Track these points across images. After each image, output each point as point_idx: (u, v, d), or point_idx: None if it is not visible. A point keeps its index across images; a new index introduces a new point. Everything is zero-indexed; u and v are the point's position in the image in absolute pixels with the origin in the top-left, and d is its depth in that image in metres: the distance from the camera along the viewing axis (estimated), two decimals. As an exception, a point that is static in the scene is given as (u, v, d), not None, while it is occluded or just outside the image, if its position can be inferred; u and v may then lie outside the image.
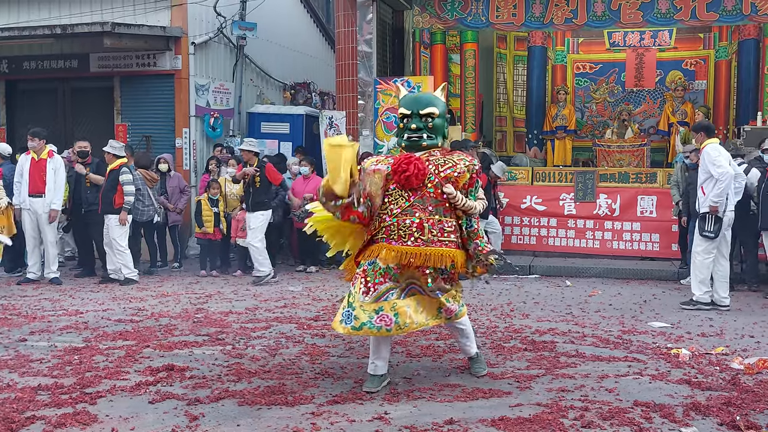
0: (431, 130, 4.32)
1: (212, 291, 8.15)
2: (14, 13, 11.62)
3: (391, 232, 4.20)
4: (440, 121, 4.36)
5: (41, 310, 6.92)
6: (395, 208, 4.21)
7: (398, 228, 4.18)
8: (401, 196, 4.21)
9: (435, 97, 4.45)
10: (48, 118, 11.39)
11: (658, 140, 12.22)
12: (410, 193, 4.20)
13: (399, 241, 4.17)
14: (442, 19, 10.40)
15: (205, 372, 4.72)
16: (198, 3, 11.14)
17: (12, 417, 3.81)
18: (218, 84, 11.70)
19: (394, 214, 4.20)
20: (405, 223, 4.18)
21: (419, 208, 4.20)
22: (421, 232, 4.17)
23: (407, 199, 4.20)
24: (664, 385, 4.45)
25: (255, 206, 8.70)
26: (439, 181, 4.22)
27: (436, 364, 4.96)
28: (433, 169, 4.25)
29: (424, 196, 4.21)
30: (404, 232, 4.17)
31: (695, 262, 7.15)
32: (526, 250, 10.09)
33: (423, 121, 4.31)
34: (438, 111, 4.34)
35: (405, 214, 4.19)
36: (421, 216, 4.19)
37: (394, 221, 4.20)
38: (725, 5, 9.55)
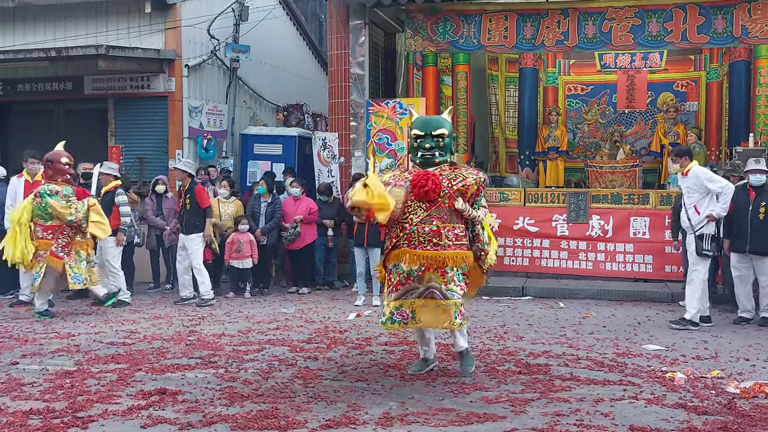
0: (442, 148, 5.02)
1: (205, 313, 8.10)
2: (9, 36, 11.64)
3: (413, 239, 4.89)
4: (449, 140, 5.07)
5: (33, 333, 6.86)
6: (415, 218, 4.90)
7: (418, 235, 4.87)
8: (419, 207, 4.90)
9: (444, 119, 5.15)
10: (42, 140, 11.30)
11: (650, 161, 12.29)
12: (428, 204, 4.89)
13: (420, 247, 4.86)
14: (434, 42, 10.47)
15: (198, 396, 4.68)
16: (192, 26, 11.20)
17: (1, 444, 3.77)
18: (211, 106, 11.73)
19: (414, 223, 4.89)
20: (424, 230, 4.87)
21: (436, 217, 4.90)
22: (439, 238, 4.87)
23: (425, 210, 4.89)
24: (660, 409, 4.44)
25: (189, 228, 8.62)
26: (452, 194, 4.92)
27: (430, 387, 4.94)
28: (447, 183, 4.93)
29: (440, 207, 4.90)
30: (424, 238, 4.87)
31: (695, 281, 7.18)
32: (519, 272, 10.08)
33: (435, 141, 4.99)
34: (447, 131, 5.03)
35: (423, 223, 4.88)
36: (438, 224, 4.88)
37: (414, 229, 4.88)
38: (716, 27, 9.66)
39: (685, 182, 7.31)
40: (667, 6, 9.77)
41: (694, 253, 7.17)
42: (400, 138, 10.07)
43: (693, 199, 7.21)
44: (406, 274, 4.88)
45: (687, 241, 7.46)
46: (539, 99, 13.12)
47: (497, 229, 10.01)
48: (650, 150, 12.40)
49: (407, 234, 4.90)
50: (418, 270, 4.85)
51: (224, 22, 11.77)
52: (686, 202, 7.30)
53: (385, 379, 5.11)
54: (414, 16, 10.47)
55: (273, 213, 9.47)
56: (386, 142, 10.19)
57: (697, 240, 7.12)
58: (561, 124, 12.66)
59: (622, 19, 9.91)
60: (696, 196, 7.18)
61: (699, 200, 7.16)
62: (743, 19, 9.50)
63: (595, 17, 9.99)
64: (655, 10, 9.83)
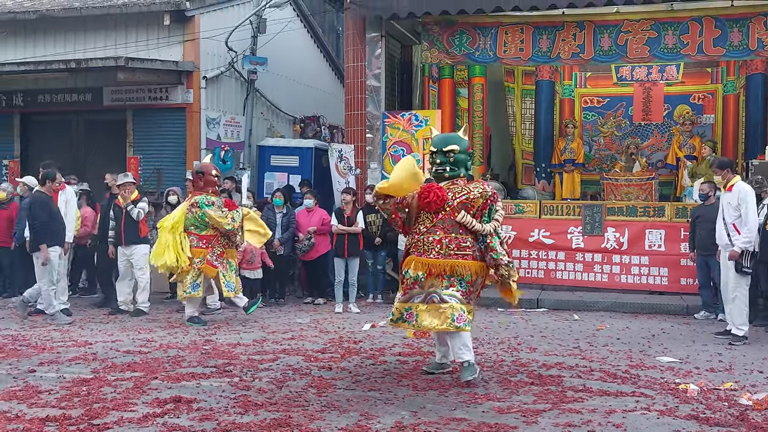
0: (453, 163, 5.34)
1: (220, 322, 8.18)
2: (30, 47, 11.88)
3: (419, 247, 5.29)
4: (462, 156, 5.37)
5: (51, 341, 6.97)
6: (422, 228, 5.31)
7: (424, 244, 5.27)
8: (427, 218, 5.31)
9: (458, 137, 5.49)
10: (61, 150, 11.55)
11: (666, 174, 12.26)
12: (433, 216, 5.28)
13: (425, 255, 5.25)
14: (450, 54, 10.55)
15: (213, 404, 4.74)
16: (210, 38, 11.37)
17: (20, 448, 3.85)
18: (229, 117, 11.87)
19: (421, 233, 5.31)
20: (429, 239, 5.26)
21: (440, 228, 5.25)
22: (440, 246, 5.22)
23: (431, 221, 5.29)
24: (672, 420, 4.44)
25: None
26: (455, 206, 5.24)
27: (443, 398, 4.97)
28: (451, 196, 5.27)
29: (444, 218, 5.26)
30: (428, 247, 5.25)
31: (739, 298, 7.15)
32: (533, 284, 10.08)
33: (446, 157, 5.32)
34: (459, 148, 5.34)
35: (429, 233, 5.27)
36: (441, 234, 5.23)
37: (421, 238, 5.30)
38: (732, 40, 9.67)
39: (727, 197, 7.23)
40: (683, 19, 9.80)
41: (733, 270, 7.13)
42: (415, 150, 10.14)
43: (733, 216, 7.14)
44: (413, 279, 5.28)
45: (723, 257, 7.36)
46: (555, 111, 13.15)
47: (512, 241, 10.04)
48: (666, 163, 12.37)
49: (415, 242, 5.33)
50: (423, 276, 5.23)
51: (242, 35, 11.92)
52: (726, 219, 7.21)
53: (398, 389, 5.15)
54: (430, 28, 10.56)
55: (288, 224, 9.57)
56: (402, 153, 10.25)
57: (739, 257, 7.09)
58: (577, 136, 12.67)
59: (638, 31, 9.95)
60: (736, 214, 7.12)
61: (738, 219, 7.11)
62: (759, 32, 9.51)
63: (611, 30, 10.03)
64: (671, 22, 9.86)
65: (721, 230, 7.30)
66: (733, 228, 7.14)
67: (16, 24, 11.88)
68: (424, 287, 5.23)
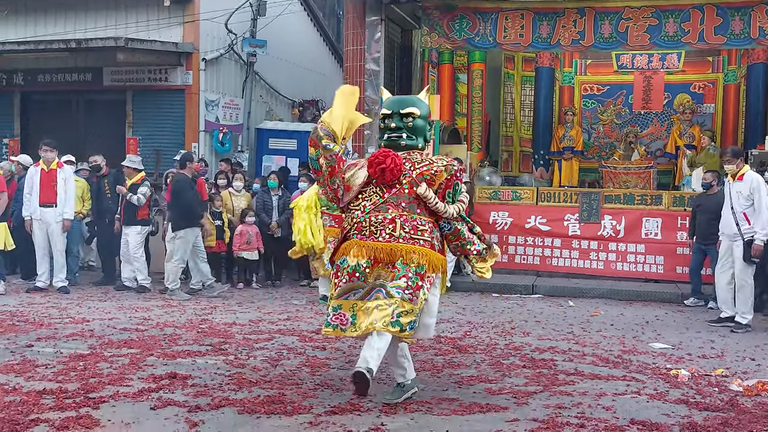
0: (411, 130, 4.31)
1: (217, 302, 8.23)
2: (30, 27, 11.85)
3: (363, 228, 4.16)
4: (421, 123, 4.35)
5: (48, 318, 7.01)
6: (368, 205, 4.19)
7: (370, 224, 4.15)
8: (375, 192, 4.20)
9: (418, 99, 4.45)
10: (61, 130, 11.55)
11: (665, 163, 12.27)
12: (384, 190, 4.19)
13: (371, 237, 4.14)
14: (450, 39, 10.52)
15: (207, 381, 4.78)
16: (210, 20, 11.33)
17: (17, 419, 3.89)
18: (228, 100, 11.86)
19: (366, 211, 4.18)
20: (377, 219, 4.14)
21: (393, 205, 4.17)
22: (393, 227, 4.13)
23: (381, 196, 4.19)
24: (662, 404, 4.48)
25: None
26: (413, 179, 4.20)
27: (434, 378, 5.01)
28: (409, 166, 4.23)
29: (399, 194, 4.18)
30: (376, 228, 4.14)
31: (746, 287, 7.18)
32: (529, 270, 10.13)
33: (403, 121, 4.30)
34: (419, 112, 4.32)
35: (378, 210, 4.16)
36: (394, 212, 4.15)
37: (366, 217, 4.17)
38: (733, 29, 9.63)
39: (737, 186, 7.22)
40: (685, 6, 9.75)
41: (741, 259, 7.15)
42: (414, 134, 10.12)
43: (744, 206, 7.15)
44: (351, 269, 4.15)
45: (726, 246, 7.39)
46: (555, 98, 13.14)
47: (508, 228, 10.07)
48: (665, 151, 12.38)
49: (357, 223, 4.19)
50: (366, 265, 4.13)
51: (242, 17, 11.90)
52: (735, 208, 7.22)
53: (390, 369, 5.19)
54: (430, 13, 10.53)
55: (284, 206, 9.61)
56: (400, 138, 10.26)
57: (746, 246, 7.11)
58: (576, 124, 12.66)
59: (638, 18, 9.91)
60: (747, 204, 7.13)
61: (749, 208, 7.12)
62: (761, 20, 9.46)
63: (612, 17, 9.99)
64: (673, 10, 9.82)
65: (729, 219, 7.30)
66: (743, 217, 7.15)
67: (17, 3, 11.86)
68: (368, 279, 4.14)
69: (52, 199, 8.72)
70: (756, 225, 7.06)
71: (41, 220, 8.73)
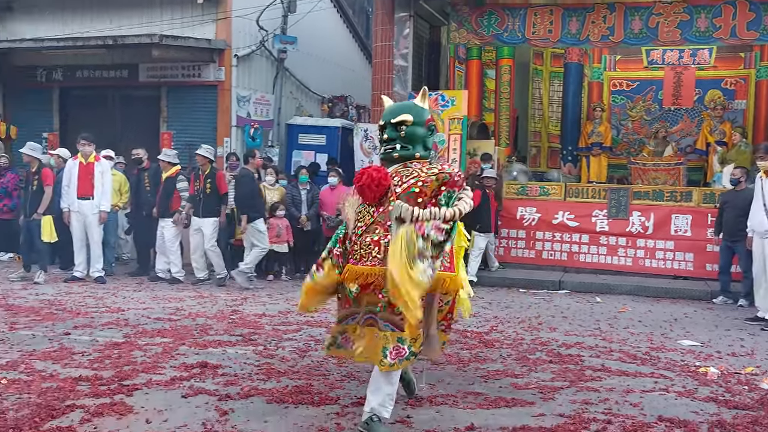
0: (404, 139, 3.77)
1: (247, 294, 8.29)
2: (69, 25, 12.02)
3: (355, 252, 3.72)
4: (418, 130, 3.79)
5: (85, 307, 7.13)
6: (362, 226, 3.75)
7: (360, 247, 3.70)
8: (367, 212, 3.75)
9: (413, 105, 3.92)
10: (98, 124, 11.69)
11: (695, 159, 12.03)
12: (374, 209, 3.72)
13: (360, 262, 3.67)
14: (478, 35, 10.44)
15: (237, 370, 4.82)
16: (242, 17, 11.39)
17: (53, 405, 3.97)
18: (259, 95, 11.91)
19: (359, 234, 3.74)
20: (365, 241, 3.68)
21: (380, 224, 3.67)
22: (378, 249, 3.63)
23: (372, 215, 3.72)
24: (690, 402, 4.41)
25: (206, 213, 8.85)
26: (402, 192, 3.65)
27: (460, 372, 4.99)
28: (397, 180, 3.71)
29: (386, 212, 3.64)
30: (365, 251, 3.67)
31: None
32: (556, 266, 10.03)
33: (396, 131, 3.78)
34: (412, 118, 3.78)
35: (368, 232, 3.70)
36: (380, 233, 3.65)
37: (358, 240, 3.72)
38: (766, 24, 9.41)
39: None
40: (717, 2, 9.55)
41: None
42: (441, 130, 10.05)
43: None
44: (348, 294, 3.75)
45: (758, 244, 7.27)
46: (584, 94, 12.95)
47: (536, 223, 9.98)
48: (695, 148, 12.14)
49: (351, 246, 3.78)
50: (356, 291, 3.68)
51: (273, 14, 11.92)
52: (767, 204, 7.11)
53: (417, 363, 5.14)
54: (459, 8, 10.45)
55: (313, 200, 9.67)
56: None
57: None
58: (605, 120, 12.47)
59: (669, 14, 9.73)
60: None
61: None
62: (794, 16, 9.24)
63: (642, 12, 9.82)
64: (704, 5, 9.62)
65: (761, 216, 7.16)
66: None
67: (56, 2, 12.02)
68: (361, 305, 3.71)
69: (89, 192, 8.86)
70: None
71: (79, 211, 8.87)
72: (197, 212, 8.89)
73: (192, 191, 8.97)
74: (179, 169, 9.17)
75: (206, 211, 8.84)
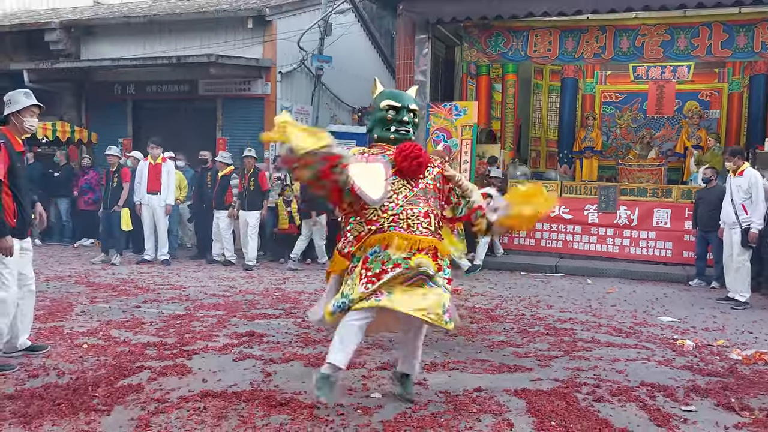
0: (414, 125, 3.54)
1: (289, 275, 8.31)
2: (140, 46, 12.14)
3: (400, 221, 3.31)
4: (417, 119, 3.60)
5: (153, 284, 7.21)
6: (401, 198, 3.36)
7: (407, 217, 3.31)
8: (404, 185, 3.38)
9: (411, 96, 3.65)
10: (164, 131, 11.79)
11: (675, 161, 11.80)
12: (413, 184, 3.39)
13: (408, 230, 3.30)
14: (487, 54, 10.32)
15: (279, 339, 4.84)
16: (285, 39, 11.40)
17: (125, 366, 4.01)
18: (299, 106, 11.92)
19: (400, 204, 3.34)
20: (413, 212, 3.33)
21: (422, 199, 3.38)
22: (429, 222, 3.35)
23: (411, 189, 3.38)
24: (669, 369, 4.33)
25: (250, 206, 8.81)
26: (438, 172, 3.48)
27: (470, 342, 4.95)
28: None
29: (426, 187, 3.41)
30: (413, 221, 3.31)
31: (743, 269, 6.93)
32: (553, 252, 9.90)
33: (409, 116, 3.51)
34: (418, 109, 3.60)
35: (411, 204, 3.35)
36: (426, 207, 3.38)
37: (400, 210, 3.32)
38: (738, 43, 9.16)
39: (737, 181, 6.98)
40: (695, 24, 9.32)
41: (739, 244, 6.90)
42: (454, 136, 10.00)
43: (742, 198, 6.91)
44: (394, 262, 3.24)
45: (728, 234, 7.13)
46: (578, 105, 12.78)
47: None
48: (675, 151, 11.92)
49: (394, 215, 3.32)
50: (407, 256, 3.25)
51: (311, 36, 11.92)
52: (734, 200, 6.98)
53: (433, 334, 5.12)
54: (470, 31, 10.34)
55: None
56: (443, 139, 10.14)
57: (743, 233, 6.86)
58: (596, 127, 12.29)
59: (653, 34, 9.52)
60: (746, 197, 6.89)
61: (747, 200, 6.88)
62: (764, 35, 8.96)
63: (629, 33, 9.63)
64: (684, 27, 9.39)
65: (729, 209, 7.04)
66: (741, 208, 6.90)
67: (129, 27, 12.13)
68: (411, 266, 3.24)
69: (157, 188, 8.95)
70: (753, 215, 6.80)
71: (148, 204, 8.96)
72: (243, 206, 8.90)
73: (240, 188, 9.00)
74: (233, 169, 9.22)
75: (250, 205, 8.84)
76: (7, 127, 4.14)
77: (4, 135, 4.08)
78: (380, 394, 3.63)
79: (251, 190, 8.84)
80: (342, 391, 3.52)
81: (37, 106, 4.21)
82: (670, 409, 3.52)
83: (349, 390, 3.71)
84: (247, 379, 3.85)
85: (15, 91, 4.20)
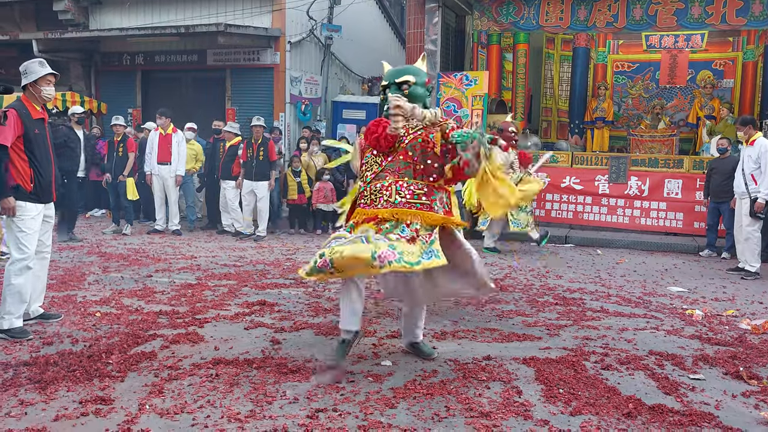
0: (408, 98, 3.53)
1: (299, 245, 8.33)
2: (148, 15, 12.01)
3: (365, 197, 3.51)
4: (419, 90, 3.59)
5: (165, 254, 7.24)
6: (370, 174, 3.53)
7: (370, 193, 3.48)
8: (375, 162, 3.54)
9: (414, 68, 3.71)
10: (173, 101, 11.77)
11: (687, 131, 11.64)
12: (383, 158, 3.51)
13: (371, 205, 3.46)
14: (498, 23, 10.11)
15: (290, 308, 4.86)
16: (294, 8, 11.23)
17: (139, 334, 4.05)
18: (309, 77, 11.81)
19: (368, 181, 3.52)
20: (376, 187, 3.46)
21: (390, 172, 3.47)
22: (389, 194, 3.42)
23: (380, 165, 3.51)
24: (678, 339, 4.31)
25: (258, 176, 8.66)
26: (408, 144, 3.48)
27: (479, 312, 4.95)
28: (404, 132, 3.50)
29: (395, 160, 3.47)
30: (375, 196, 3.45)
31: (752, 239, 6.84)
32: (563, 223, 9.84)
33: (400, 90, 3.56)
34: (414, 79, 3.59)
35: (377, 179, 3.48)
36: (391, 179, 3.45)
37: (367, 186, 3.51)
38: (753, 11, 8.91)
39: (748, 151, 6.86)
40: (710, -10, 9.08)
41: (748, 215, 6.80)
42: (465, 106, 9.87)
43: (752, 168, 6.80)
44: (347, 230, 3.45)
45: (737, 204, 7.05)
46: (590, 75, 12.57)
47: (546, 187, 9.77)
48: (687, 121, 11.73)
49: (361, 192, 3.56)
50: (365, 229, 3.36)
51: (321, 5, 11.73)
52: (744, 169, 6.87)
53: (443, 304, 5.15)
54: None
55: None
56: (453, 109, 10.01)
57: (752, 203, 6.76)
58: (608, 97, 12.11)
59: (667, 2, 9.26)
60: (755, 166, 6.77)
61: (756, 170, 6.76)
62: (781, 2, 8.73)
63: (643, 1, 9.36)
64: (699, -6, 9.15)
65: (740, 179, 6.94)
66: (750, 178, 6.78)
67: (137, -4, 12.01)
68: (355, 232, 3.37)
69: (167, 158, 8.93)
70: (761, 185, 6.68)
71: (159, 175, 8.96)
72: (250, 176, 8.72)
73: (245, 158, 8.80)
74: (240, 139, 9.16)
75: (259, 175, 8.73)
76: (25, 95, 4.24)
77: (21, 103, 4.17)
78: (390, 362, 3.65)
79: (260, 161, 8.72)
80: None
81: (53, 74, 4.25)
82: (679, 377, 3.52)
83: (360, 357, 3.72)
84: (258, 346, 3.88)
85: (30, 61, 4.26)
